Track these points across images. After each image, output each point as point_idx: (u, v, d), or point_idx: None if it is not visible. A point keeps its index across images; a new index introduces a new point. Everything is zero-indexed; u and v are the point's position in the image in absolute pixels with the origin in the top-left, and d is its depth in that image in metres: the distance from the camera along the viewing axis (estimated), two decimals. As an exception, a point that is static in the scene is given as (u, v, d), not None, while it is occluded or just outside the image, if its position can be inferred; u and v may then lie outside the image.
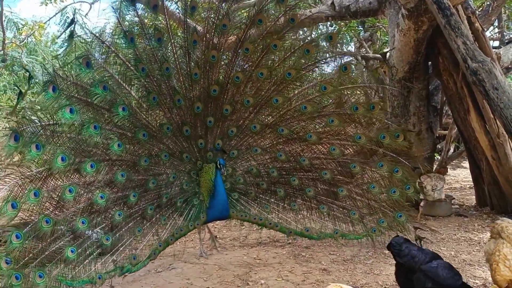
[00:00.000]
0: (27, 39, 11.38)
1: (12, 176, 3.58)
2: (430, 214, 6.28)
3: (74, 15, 4.43)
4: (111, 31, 4.28)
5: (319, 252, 4.97)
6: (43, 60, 14.56)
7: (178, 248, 5.07)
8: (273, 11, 4.55)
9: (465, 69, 5.20)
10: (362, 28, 10.22)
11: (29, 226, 3.51)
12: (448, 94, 6.35)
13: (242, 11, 5.05)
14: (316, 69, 4.83)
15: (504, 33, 7.96)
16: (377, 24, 9.07)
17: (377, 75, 8.44)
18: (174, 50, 4.42)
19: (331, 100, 4.82)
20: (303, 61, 4.70)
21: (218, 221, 5.63)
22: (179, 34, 4.45)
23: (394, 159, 4.73)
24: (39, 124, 3.64)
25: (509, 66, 7.45)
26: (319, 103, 4.78)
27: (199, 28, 4.61)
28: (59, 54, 3.94)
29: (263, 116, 4.86)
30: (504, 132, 5.28)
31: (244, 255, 4.98)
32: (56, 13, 10.45)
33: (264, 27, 4.53)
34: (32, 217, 3.59)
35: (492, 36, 8.67)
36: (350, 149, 4.87)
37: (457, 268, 4.37)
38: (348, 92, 4.84)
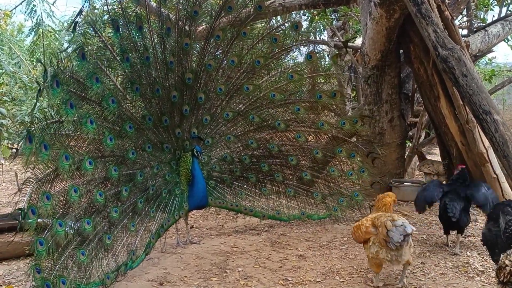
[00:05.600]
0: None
1: (30, 180, 3.51)
2: (403, 199, 6.42)
3: (82, 7, 4.32)
4: (100, 20, 4.18)
5: (295, 239, 5.03)
6: (9, 50, 14.07)
7: (155, 238, 5.05)
8: None
9: (435, 56, 5.29)
10: (335, 17, 10.27)
11: (47, 231, 3.42)
12: (419, 82, 6.45)
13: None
14: (284, 57, 5.03)
15: (473, 22, 8.12)
16: (350, 12, 9.13)
17: (336, 61, 8.80)
18: (152, 39, 4.42)
19: (298, 88, 5.05)
20: (271, 49, 4.83)
21: (195, 211, 5.61)
22: (155, 22, 4.47)
23: (352, 145, 5.18)
24: (45, 122, 3.56)
25: (477, 54, 7.62)
26: (287, 91, 4.97)
27: (172, 16, 4.64)
28: (66, 48, 3.85)
29: (235, 104, 4.99)
30: (473, 118, 5.40)
31: (221, 243, 4.99)
32: (22, 1, 10.13)
33: (234, 14, 4.62)
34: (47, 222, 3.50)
35: (461, 25, 8.83)
36: (312, 135, 5.21)
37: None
38: (321, 80, 5.05)
